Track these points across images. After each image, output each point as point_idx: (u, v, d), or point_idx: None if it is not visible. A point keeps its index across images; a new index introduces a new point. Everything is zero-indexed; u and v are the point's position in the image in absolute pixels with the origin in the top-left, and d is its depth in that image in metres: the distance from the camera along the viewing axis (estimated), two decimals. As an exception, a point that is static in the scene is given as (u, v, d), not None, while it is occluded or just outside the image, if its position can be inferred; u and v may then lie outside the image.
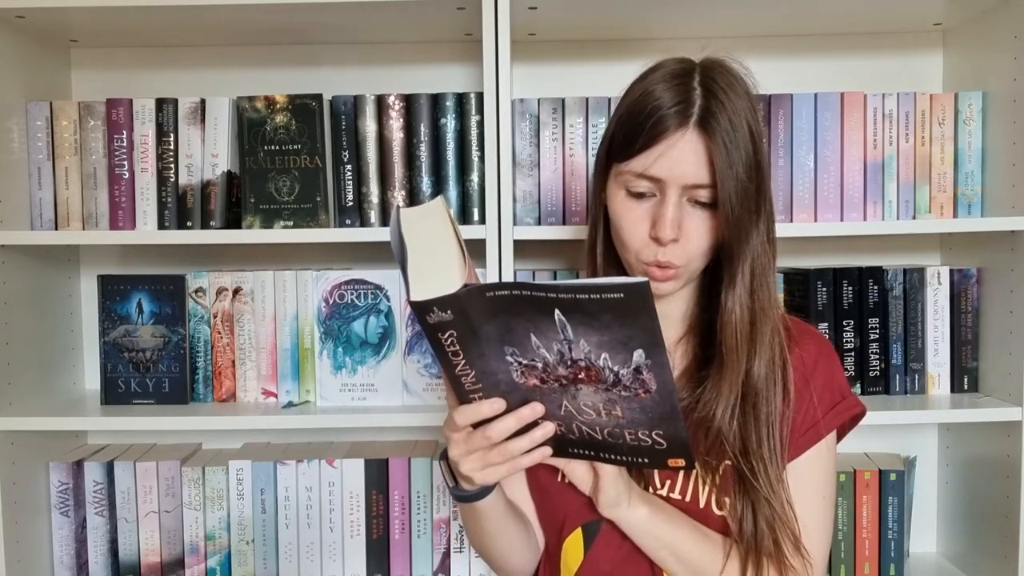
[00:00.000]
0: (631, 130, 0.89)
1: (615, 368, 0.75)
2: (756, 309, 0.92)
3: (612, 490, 0.88)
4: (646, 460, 0.83)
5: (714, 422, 0.90)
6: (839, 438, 1.01)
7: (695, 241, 0.89)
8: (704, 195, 0.88)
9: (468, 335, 0.75)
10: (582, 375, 0.77)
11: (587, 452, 0.84)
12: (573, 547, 0.97)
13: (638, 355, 0.74)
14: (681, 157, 0.86)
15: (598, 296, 0.70)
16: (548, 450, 0.83)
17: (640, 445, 0.81)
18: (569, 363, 0.76)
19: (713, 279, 0.96)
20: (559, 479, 0.98)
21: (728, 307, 0.91)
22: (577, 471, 0.90)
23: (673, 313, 1.00)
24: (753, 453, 0.90)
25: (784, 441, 0.92)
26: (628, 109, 0.91)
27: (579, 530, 0.97)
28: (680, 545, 0.91)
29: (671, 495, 0.95)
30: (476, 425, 0.82)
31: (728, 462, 0.92)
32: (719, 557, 0.92)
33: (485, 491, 0.91)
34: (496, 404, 0.80)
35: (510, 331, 0.75)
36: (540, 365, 0.77)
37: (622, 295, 0.69)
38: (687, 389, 0.96)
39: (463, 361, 0.77)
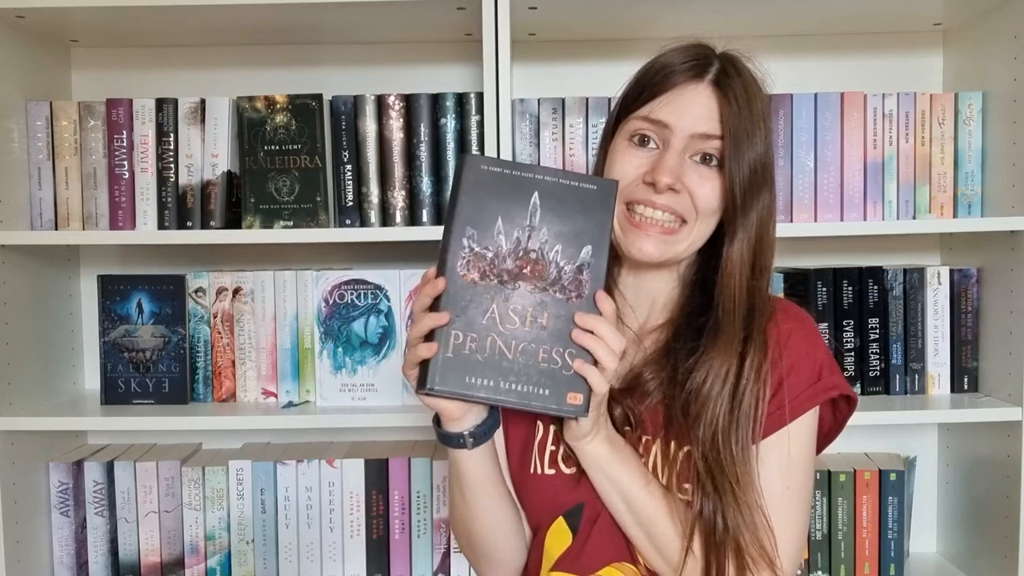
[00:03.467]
0: (641, 85, 0.91)
1: (561, 263, 0.81)
2: (760, 287, 0.91)
3: (586, 421, 0.85)
4: (547, 392, 0.81)
5: (701, 399, 0.88)
6: (832, 432, 0.97)
7: (701, 195, 0.88)
8: (711, 148, 0.88)
9: (452, 197, 0.82)
10: (527, 269, 0.81)
11: (488, 382, 0.80)
12: (559, 539, 0.95)
13: (586, 252, 0.82)
14: (690, 108, 0.88)
15: (576, 184, 0.82)
16: (434, 346, 0.79)
17: (548, 368, 0.80)
18: (520, 254, 0.81)
19: (706, 278, 0.95)
20: (531, 470, 0.95)
21: (729, 268, 0.90)
22: None
23: (659, 295, 0.98)
24: (723, 444, 0.87)
25: (756, 433, 0.89)
26: (640, 72, 0.93)
27: (561, 519, 0.94)
28: (634, 496, 0.88)
29: None
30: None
31: (687, 448, 0.89)
32: (676, 530, 0.88)
33: (463, 440, 0.87)
34: (438, 284, 0.80)
35: (481, 211, 0.81)
36: (491, 254, 0.81)
37: (594, 187, 0.83)
38: (651, 371, 0.92)
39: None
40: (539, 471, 0.95)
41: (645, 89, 0.91)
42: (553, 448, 0.95)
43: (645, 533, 0.90)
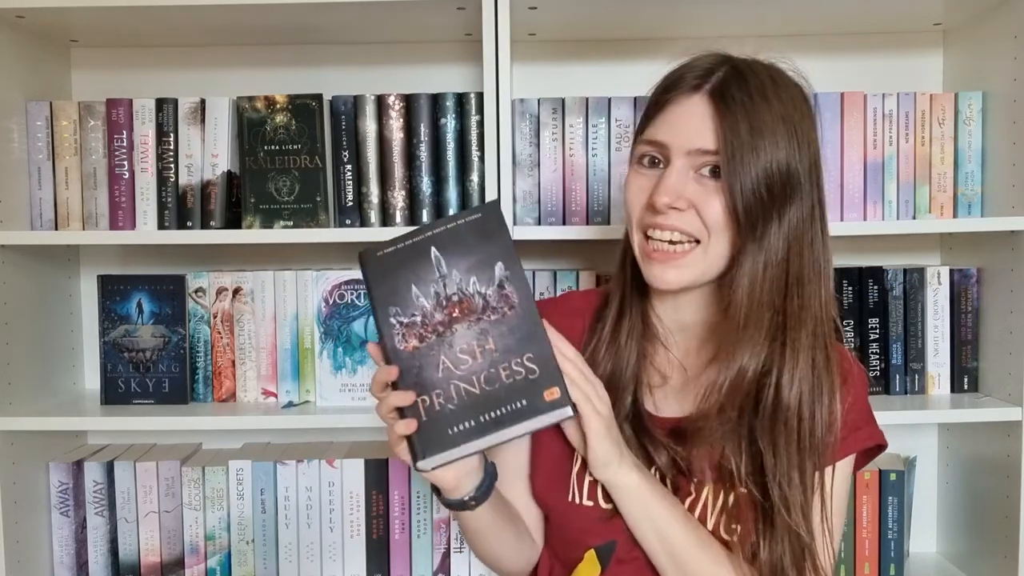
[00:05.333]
0: (647, 106, 0.90)
1: (483, 290, 0.85)
2: (790, 309, 0.86)
3: (600, 448, 0.85)
4: (525, 402, 0.82)
5: (705, 424, 0.87)
6: (860, 464, 0.98)
7: (707, 210, 0.84)
8: (712, 162, 0.84)
9: (369, 295, 0.86)
10: (456, 312, 0.85)
11: (469, 423, 0.82)
12: (588, 569, 0.95)
13: (499, 268, 0.85)
14: (685, 122, 0.84)
15: (463, 221, 0.86)
16: (413, 423, 0.81)
17: (516, 382, 0.82)
18: (444, 303, 0.85)
19: None
20: (568, 498, 0.95)
21: (735, 287, 0.86)
22: (569, 429, 0.89)
23: (692, 322, 0.95)
24: (775, 478, 0.86)
25: (820, 471, 0.89)
26: (654, 89, 0.91)
27: (592, 552, 0.94)
28: (667, 528, 0.88)
29: None
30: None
31: (743, 490, 0.88)
32: (712, 559, 0.89)
33: (466, 504, 0.88)
34: (391, 371, 0.83)
35: (394, 289, 0.85)
36: (419, 318, 0.85)
37: (480, 214, 0.86)
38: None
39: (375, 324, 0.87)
40: (577, 501, 0.95)
41: (648, 110, 0.89)
42: (592, 479, 0.94)
43: (679, 564, 0.89)
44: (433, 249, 0.85)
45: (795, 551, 0.86)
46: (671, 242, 0.87)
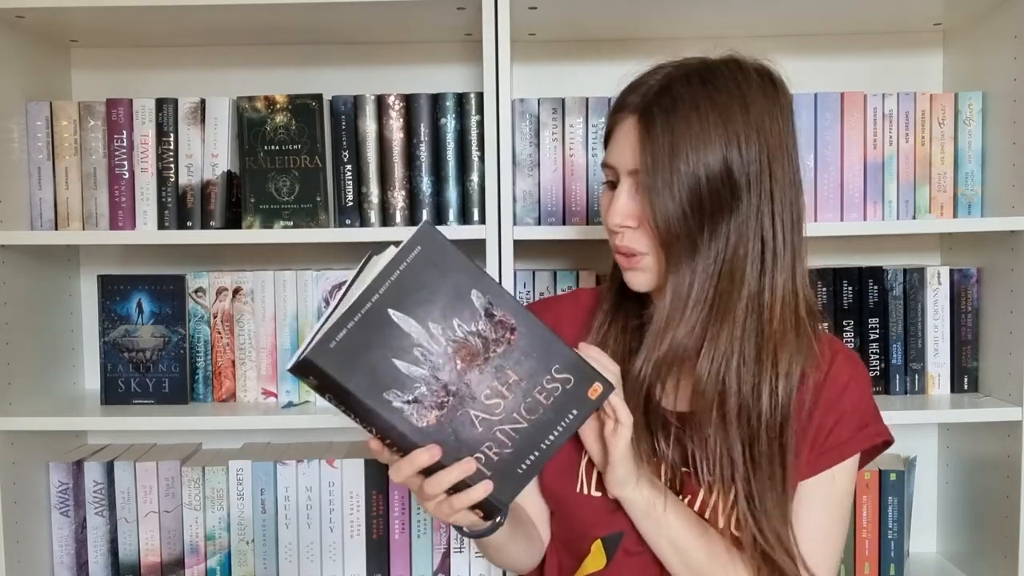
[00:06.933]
0: (606, 126, 0.94)
1: (473, 328, 0.75)
2: (711, 311, 0.86)
3: (621, 468, 0.87)
4: (575, 411, 0.79)
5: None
6: (864, 462, 0.99)
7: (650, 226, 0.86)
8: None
9: (343, 395, 0.73)
10: (459, 364, 0.75)
11: (533, 455, 0.79)
12: (594, 560, 0.96)
13: (476, 297, 0.75)
14: (624, 144, 0.88)
15: (405, 261, 0.72)
16: (488, 484, 0.78)
17: (556, 399, 0.78)
18: (441, 360, 0.75)
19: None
20: (576, 489, 0.96)
21: (661, 305, 0.88)
22: (593, 447, 0.90)
23: None
24: (751, 472, 0.88)
25: (791, 459, 0.89)
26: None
27: (599, 542, 0.95)
28: (681, 540, 0.89)
29: None
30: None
31: (741, 487, 0.90)
32: (724, 566, 0.90)
33: (497, 526, 0.88)
34: (433, 451, 0.76)
35: (375, 375, 0.73)
36: (424, 388, 0.75)
37: (419, 245, 0.73)
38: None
39: (360, 421, 0.76)
40: (585, 491, 0.96)
41: (606, 131, 0.93)
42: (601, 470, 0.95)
43: (691, 570, 0.90)
44: (390, 312, 0.73)
45: (781, 539, 0.88)
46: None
